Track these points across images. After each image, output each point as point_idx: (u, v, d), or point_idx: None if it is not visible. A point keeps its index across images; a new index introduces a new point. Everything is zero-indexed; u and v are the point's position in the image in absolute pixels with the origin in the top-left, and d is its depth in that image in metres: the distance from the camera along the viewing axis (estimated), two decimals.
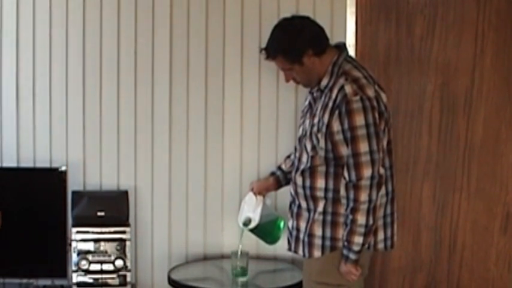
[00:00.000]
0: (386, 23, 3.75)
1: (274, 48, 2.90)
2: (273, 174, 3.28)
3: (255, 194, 3.26)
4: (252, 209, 3.24)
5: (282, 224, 3.27)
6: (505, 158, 3.76)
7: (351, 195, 2.76)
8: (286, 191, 3.10)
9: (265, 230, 3.30)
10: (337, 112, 2.76)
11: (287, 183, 3.17)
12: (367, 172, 2.73)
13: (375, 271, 3.83)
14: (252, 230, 3.28)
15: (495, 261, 3.80)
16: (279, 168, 3.27)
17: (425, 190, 3.80)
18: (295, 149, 3.07)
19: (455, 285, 3.83)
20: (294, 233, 2.97)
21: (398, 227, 3.54)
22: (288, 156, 3.25)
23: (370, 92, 2.77)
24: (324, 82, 2.87)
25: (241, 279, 3.45)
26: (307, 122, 2.94)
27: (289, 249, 3.02)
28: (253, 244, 3.74)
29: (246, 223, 3.26)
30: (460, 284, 3.82)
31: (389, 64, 3.76)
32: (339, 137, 2.77)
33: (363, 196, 2.74)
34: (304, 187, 2.91)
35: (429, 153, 3.79)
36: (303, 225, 2.93)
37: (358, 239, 2.76)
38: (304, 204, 2.92)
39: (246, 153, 3.80)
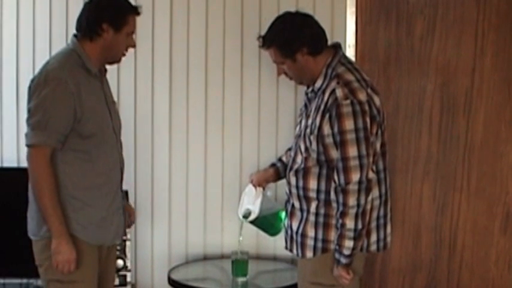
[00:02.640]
0: (386, 23, 3.75)
1: (270, 38, 2.91)
2: (273, 165, 3.28)
3: (254, 185, 3.25)
4: (252, 200, 3.23)
5: (283, 215, 3.24)
6: (505, 158, 3.76)
7: (340, 199, 2.77)
8: (285, 182, 3.10)
9: (267, 222, 3.29)
10: (327, 115, 2.76)
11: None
12: (355, 177, 2.73)
13: (374, 271, 3.83)
14: (252, 222, 3.27)
15: (495, 261, 3.80)
16: (280, 159, 3.27)
17: (425, 190, 3.80)
18: (292, 147, 3.08)
19: (456, 285, 3.83)
20: (289, 231, 2.99)
21: (398, 227, 3.55)
22: (290, 149, 3.25)
23: (362, 96, 2.76)
24: (318, 84, 2.87)
25: (241, 279, 3.45)
26: (303, 122, 2.94)
27: (286, 247, 3.03)
28: (253, 244, 3.75)
29: (246, 215, 3.25)
30: (460, 284, 3.82)
31: (389, 64, 3.76)
32: (329, 140, 2.77)
33: (351, 201, 2.74)
34: (297, 187, 2.91)
35: (429, 153, 3.79)
36: (295, 224, 2.93)
37: (349, 243, 2.77)
38: (297, 204, 2.93)
39: (246, 153, 3.80)
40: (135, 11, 2.87)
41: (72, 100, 2.72)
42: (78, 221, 2.80)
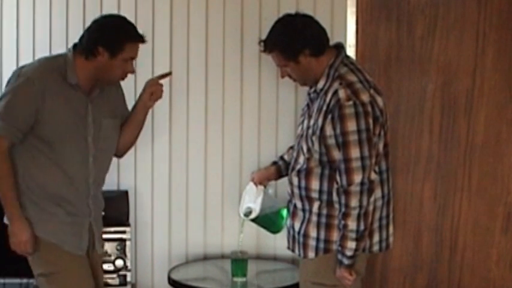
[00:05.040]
0: (387, 23, 3.74)
1: (272, 42, 2.91)
2: (274, 163, 3.28)
3: (255, 183, 3.25)
4: (253, 199, 3.22)
5: (284, 213, 3.23)
6: (506, 158, 3.75)
7: (342, 201, 2.77)
8: (287, 180, 3.10)
9: (268, 220, 3.28)
10: (330, 116, 2.76)
11: (288, 173, 3.17)
12: (357, 178, 2.73)
13: (375, 271, 3.83)
14: (253, 220, 3.27)
15: (496, 261, 3.79)
16: (281, 158, 3.28)
17: (426, 190, 3.80)
18: (293, 147, 3.08)
19: (456, 286, 3.83)
20: (291, 231, 2.99)
21: (398, 227, 3.53)
22: (291, 147, 3.25)
23: (365, 97, 2.76)
24: (320, 85, 2.87)
25: (241, 279, 3.45)
26: (305, 122, 2.94)
27: (288, 247, 3.03)
28: (253, 244, 3.75)
29: (247, 214, 3.24)
30: (461, 284, 3.82)
31: (390, 64, 3.76)
32: (331, 141, 2.77)
33: (354, 202, 2.74)
34: (299, 187, 2.91)
35: (430, 153, 3.78)
36: (297, 225, 2.94)
37: (351, 244, 2.76)
38: (299, 205, 2.93)
39: (246, 153, 3.80)
40: (136, 39, 2.85)
41: (35, 100, 2.76)
42: (45, 225, 2.86)
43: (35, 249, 2.85)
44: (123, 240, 3.53)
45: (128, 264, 3.54)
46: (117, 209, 3.60)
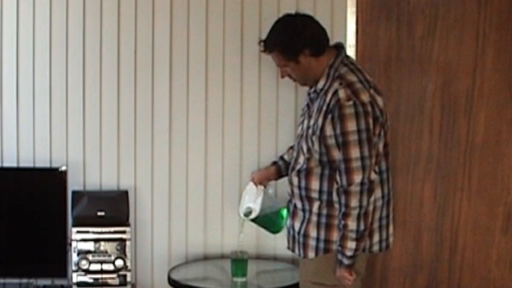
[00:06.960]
0: (387, 23, 3.74)
1: (272, 42, 2.92)
2: (274, 163, 3.29)
3: (255, 183, 3.25)
4: (253, 199, 3.23)
5: (284, 213, 3.24)
6: (506, 158, 3.75)
7: (342, 201, 2.77)
8: (287, 180, 3.10)
9: (268, 220, 3.29)
10: (330, 116, 2.76)
11: (288, 173, 3.18)
12: (357, 178, 2.74)
13: (375, 271, 3.83)
14: (253, 220, 3.27)
15: (496, 261, 3.79)
16: (281, 158, 3.28)
17: (426, 190, 3.80)
18: (293, 147, 3.08)
19: (456, 286, 3.82)
20: (291, 231, 3.00)
21: (399, 227, 3.54)
22: (291, 147, 3.25)
23: (365, 97, 2.76)
24: (320, 84, 2.87)
25: (241, 280, 3.45)
26: (305, 122, 2.94)
27: (288, 247, 3.04)
28: (253, 244, 3.75)
29: (247, 214, 3.25)
30: (461, 284, 3.82)
31: (390, 64, 3.75)
32: (331, 141, 2.78)
33: (354, 202, 2.74)
34: (299, 187, 2.91)
35: (430, 153, 3.78)
36: (297, 224, 2.94)
37: (351, 244, 2.77)
38: (299, 204, 2.93)
39: (246, 153, 3.80)
40: None
41: None
42: None
43: None
44: (123, 240, 3.52)
45: (128, 264, 3.54)
46: (117, 209, 3.60)
